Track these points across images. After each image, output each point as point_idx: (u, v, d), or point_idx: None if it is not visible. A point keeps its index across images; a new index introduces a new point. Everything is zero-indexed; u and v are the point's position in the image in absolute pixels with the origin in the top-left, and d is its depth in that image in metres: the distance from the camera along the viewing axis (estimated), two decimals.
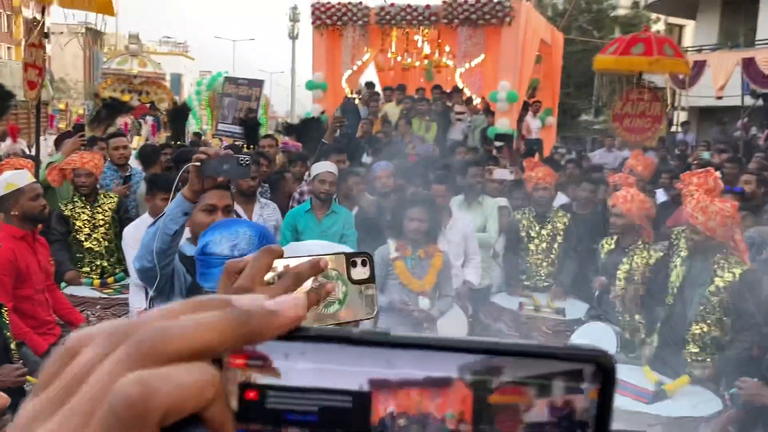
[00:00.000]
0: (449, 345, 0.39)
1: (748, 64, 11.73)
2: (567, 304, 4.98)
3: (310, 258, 0.72)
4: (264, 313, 0.34)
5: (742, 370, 3.26)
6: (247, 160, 2.19)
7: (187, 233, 2.67)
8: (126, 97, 14.43)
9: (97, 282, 4.66)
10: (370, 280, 0.78)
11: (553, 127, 12.55)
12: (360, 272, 0.77)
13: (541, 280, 5.30)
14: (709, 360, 3.53)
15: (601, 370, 0.38)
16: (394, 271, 4.06)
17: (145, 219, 4.24)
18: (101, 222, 4.90)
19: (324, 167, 4.75)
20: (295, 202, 5.53)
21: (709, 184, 3.95)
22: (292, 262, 0.73)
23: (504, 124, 9.28)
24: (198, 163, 2.13)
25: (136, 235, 4.12)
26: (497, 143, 8.55)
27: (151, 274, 2.26)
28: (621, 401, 3.18)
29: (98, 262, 4.87)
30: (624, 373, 3.54)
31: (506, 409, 0.39)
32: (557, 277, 5.26)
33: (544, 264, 5.29)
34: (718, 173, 4.09)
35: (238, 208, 4.66)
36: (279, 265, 0.73)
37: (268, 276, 0.72)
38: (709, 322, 3.53)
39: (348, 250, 0.82)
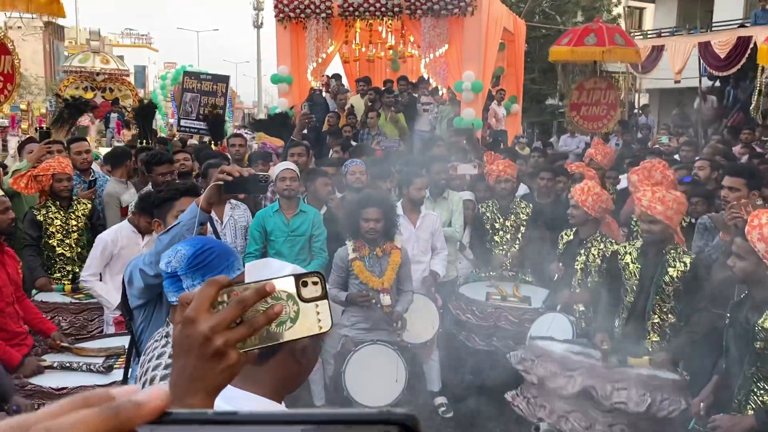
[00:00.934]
0: (287, 419, 0.49)
1: (704, 48, 12.02)
2: (532, 293, 5.15)
3: (257, 284, 0.79)
4: (131, 406, 0.46)
5: (695, 354, 3.45)
6: (266, 178, 2.28)
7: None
8: (89, 95, 14.19)
9: (68, 287, 4.67)
10: (323, 297, 0.85)
11: (518, 115, 12.71)
12: (311, 291, 0.84)
13: (507, 270, 5.45)
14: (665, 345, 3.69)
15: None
16: (354, 271, 4.16)
17: (125, 227, 4.26)
18: (74, 228, 4.91)
19: (282, 166, 4.82)
20: (267, 201, 5.58)
21: (655, 177, 4.12)
22: (251, 286, 0.80)
23: (470, 113, 9.38)
24: (221, 183, 2.20)
25: (114, 242, 4.15)
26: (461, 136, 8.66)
27: (159, 282, 2.32)
28: (590, 360, 3.42)
29: (69, 268, 4.88)
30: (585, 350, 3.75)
31: None
32: (522, 266, 5.41)
33: (509, 254, 5.44)
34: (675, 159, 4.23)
35: None
36: (227, 293, 0.80)
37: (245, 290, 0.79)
38: (665, 310, 3.69)
39: (301, 271, 0.88)
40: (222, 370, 0.79)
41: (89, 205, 5.06)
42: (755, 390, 2.81)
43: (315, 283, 0.84)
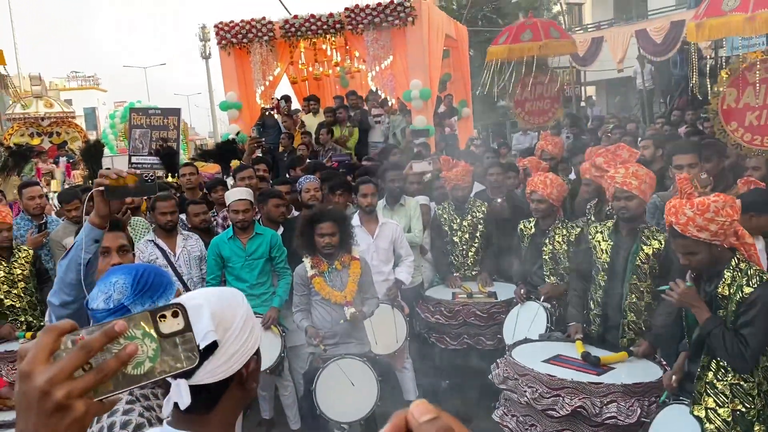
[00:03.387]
0: None
1: (641, 36, 12.38)
2: (496, 288, 5.18)
3: (104, 326, 0.73)
4: None
5: (673, 335, 3.47)
6: (152, 177, 2.14)
7: None
8: (36, 141, 13.89)
9: (29, 335, 4.53)
10: (186, 330, 0.78)
11: (470, 118, 12.87)
12: (171, 324, 0.78)
13: (469, 269, 5.48)
14: (642, 329, 3.70)
15: None
16: (315, 288, 4.12)
17: None
18: (20, 277, 4.76)
19: (234, 196, 4.73)
20: (219, 228, 5.51)
21: (624, 155, 4.18)
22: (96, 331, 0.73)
23: (421, 121, 9.46)
24: (101, 188, 2.05)
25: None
26: (417, 140, 8.72)
27: (75, 307, 2.20)
28: (572, 374, 3.34)
29: (22, 318, 4.73)
30: (563, 349, 3.74)
31: None
32: (483, 263, 5.45)
33: (470, 253, 5.47)
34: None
35: (159, 241, 4.62)
36: (71, 339, 0.72)
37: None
38: (642, 289, 3.71)
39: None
40: (68, 426, 0.71)
41: (31, 252, 4.93)
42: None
43: (175, 315, 0.78)
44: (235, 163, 7.94)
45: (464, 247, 5.46)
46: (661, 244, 3.65)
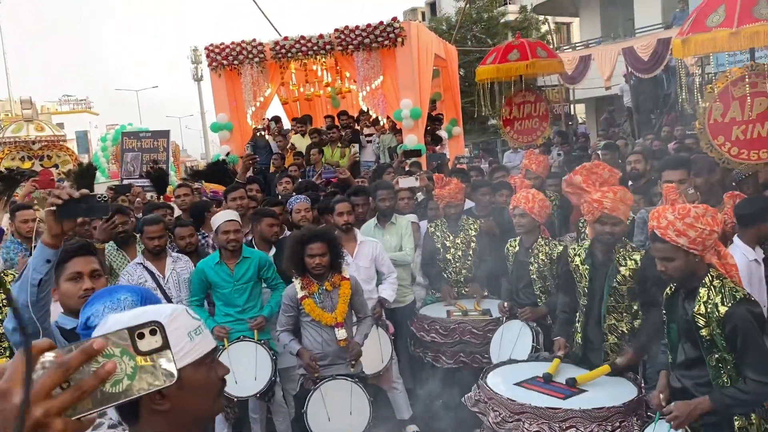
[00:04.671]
0: None
1: (628, 53, 12.53)
2: (490, 305, 5.16)
3: (82, 344, 0.72)
4: None
5: (656, 348, 3.44)
6: (104, 197, 2.13)
7: (60, 306, 2.57)
8: (27, 165, 13.85)
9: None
10: (164, 347, 0.78)
11: (460, 137, 12.93)
12: (149, 342, 0.78)
13: (463, 286, 5.46)
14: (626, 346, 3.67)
15: None
16: (305, 310, 4.07)
17: None
18: (5, 302, 4.69)
19: (223, 217, 4.67)
20: (211, 249, 5.46)
21: (604, 175, 4.18)
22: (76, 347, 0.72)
23: (412, 140, 9.50)
24: (53, 209, 2.03)
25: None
26: (409, 159, 8.74)
27: (32, 330, 2.14)
28: (533, 399, 3.29)
29: (5, 344, 4.66)
30: (541, 370, 3.68)
31: None
32: (476, 281, 5.43)
33: (463, 271, 5.45)
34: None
35: (148, 264, 4.58)
36: (48, 356, 0.72)
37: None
38: (620, 310, 3.69)
39: (136, 322, 0.80)
40: None
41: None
42: (722, 373, 2.81)
43: (153, 333, 0.78)
44: (206, 186, 7.93)
45: (457, 264, 5.44)
46: (637, 264, 3.63)
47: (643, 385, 3.45)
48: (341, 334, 4.00)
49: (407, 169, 7.87)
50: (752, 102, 4.34)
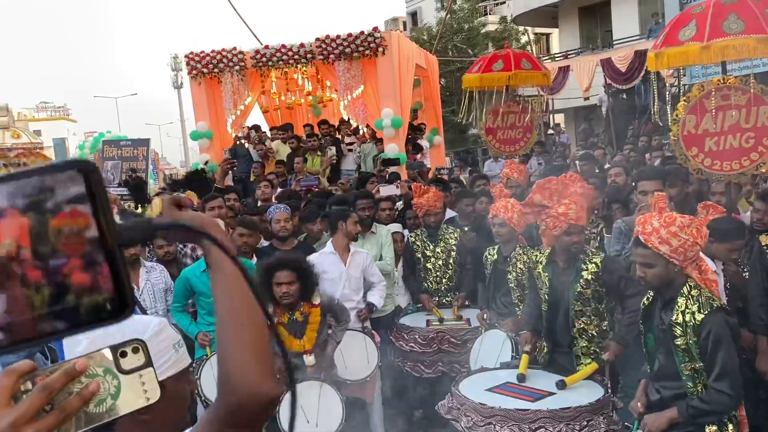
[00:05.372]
0: None
1: (606, 64, 12.72)
2: (469, 314, 5.18)
3: (65, 365, 0.72)
4: None
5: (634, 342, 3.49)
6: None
7: None
8: (2, 172, 13.68)
9: None
10: (147, 365, 0.79)
11: (441, 146, 13.01)
12: (132, 360, 0.78)
13: (443, 296, 5.48)
14: (601, 345, 3.73)
15: (81, 171, 0.49)
16: None
17: None
18: None
19: None
20: (188, 259, 5.41)
21: (558, 190, 4.22)
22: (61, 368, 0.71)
23: (393, 149, 9.53)
24: None
25: None
26: (389, 168, 8.77)
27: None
28: (502, 402, 3.37)
29: None
30: (513, 376, 3.72)
31: (69, 233, 0.47)
32: (456, 290, 5.45)
33: (443, 280, 5.47)
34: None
35: None
36: (30, 379, 0.72)
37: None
38: (588, 314, 3.75)
39: (117, 338, 0.80)
40: None
41: None
42: (698, 383, 2.85)
43: (136, 351, 0.78)
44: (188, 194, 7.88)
45: (438, 273, 5.46)
46: (599, 266, 3.70)
47: (610, 387, 3.51)
48: (309, 360, 4.00)
49: (387, 177, 7.91)
50: (724, 114, 4.43)
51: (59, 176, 0.49)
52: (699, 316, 2.76)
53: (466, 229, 5.68)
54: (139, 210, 8.72)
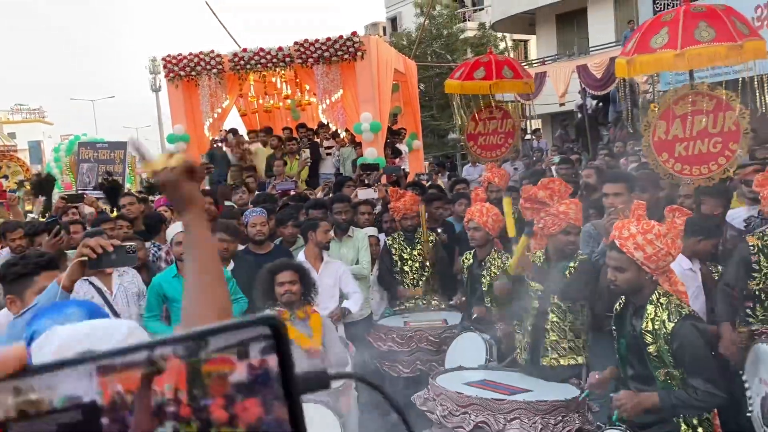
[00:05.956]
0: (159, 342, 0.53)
1: (582, 71, 12.88)
2: (446, 314, 5.22)
3: None
4: None
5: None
6: (133, 248, 2.22)
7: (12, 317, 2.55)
8: None
9: None
10: None
11: (420, 150, 13.06)
12: None
13: (420, 298, 5.51)
14: (573, 343, 3.77)
15: (272, 329, 0.52)
16: None
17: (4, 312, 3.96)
18: None
19: (176, 228, 4.60)
20: (163, 263, 5.37)
21: (561, 189, 4.27)
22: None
23: (372, 153, 9.55)
24: (84, 259, 2.11)
25: None
26: (368, 172, 8.78)
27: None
28: (479, 392, 3.44)
29: None
30: (495, 377, 3.77)
31: (216, 376, 0.52)
32: (433, 292, 5.49)
33: (420, 283, 5.50)
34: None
35: (94, 279, 4.43)
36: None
37: None
38: (563, 308, 3.74)
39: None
40: None
41: None
42: (673, 387, 2.89)
43: None
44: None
45: (415, 276, 5.49)
46: (576, 265, 3.75)
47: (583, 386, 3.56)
48: (314, 364, 3.98)
49: (366, 182, 7.93)
50: (693, 120, 4.53)
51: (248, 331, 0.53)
52: (669, 325, 2.80)
53: (439, 231, 5.73)
54: (114, 214, 8.63)
